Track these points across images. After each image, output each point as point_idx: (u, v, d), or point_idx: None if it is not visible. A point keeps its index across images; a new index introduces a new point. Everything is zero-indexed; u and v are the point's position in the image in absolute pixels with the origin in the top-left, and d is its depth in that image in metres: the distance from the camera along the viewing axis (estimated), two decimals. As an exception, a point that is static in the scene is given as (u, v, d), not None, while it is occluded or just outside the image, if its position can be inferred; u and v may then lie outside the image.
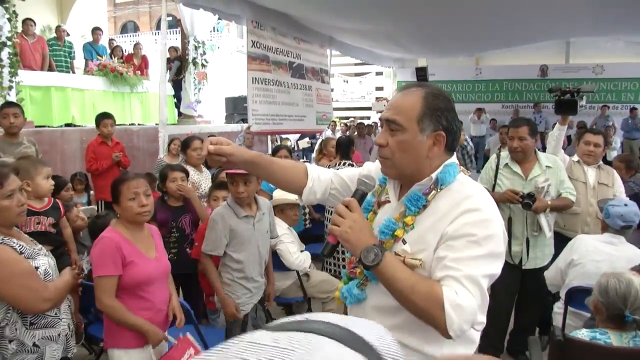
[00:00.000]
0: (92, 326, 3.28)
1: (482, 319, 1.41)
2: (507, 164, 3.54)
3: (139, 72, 9.25)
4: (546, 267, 3.43)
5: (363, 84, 20.94)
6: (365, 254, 1.37)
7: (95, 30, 9.69)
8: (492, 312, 3.88)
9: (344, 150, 4.92)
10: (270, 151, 7.56)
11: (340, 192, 1.73)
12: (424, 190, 1.46)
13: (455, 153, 1.55)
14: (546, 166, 3.44)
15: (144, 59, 9.90)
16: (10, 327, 2.06)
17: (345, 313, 1.76)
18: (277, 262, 3.63)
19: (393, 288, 1.37)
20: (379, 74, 20.11)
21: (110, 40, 11.06)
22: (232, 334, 3.09)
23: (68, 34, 9.15)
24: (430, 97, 1.45)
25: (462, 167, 1.58)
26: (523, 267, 3.50)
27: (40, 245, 2.31)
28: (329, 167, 4.77)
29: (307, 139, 12.36)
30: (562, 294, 3.13)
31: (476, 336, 1.54)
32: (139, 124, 8.77)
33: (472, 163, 3.93)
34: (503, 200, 3.54)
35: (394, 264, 1.38)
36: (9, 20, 6.25)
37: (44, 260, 2.20)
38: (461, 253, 1.35)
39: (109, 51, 9.44)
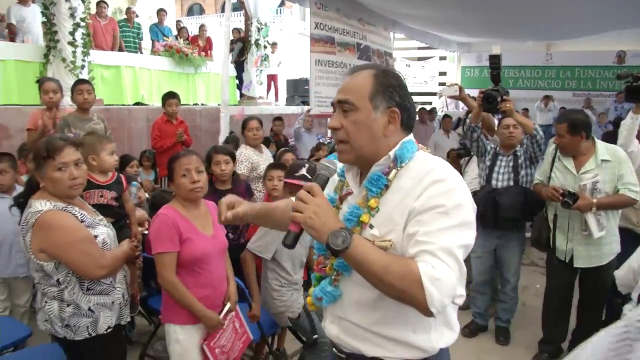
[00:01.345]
0: (152, 298, 3.40)
1: (462, 291, 1.34)
2: (561, 157, 3.43)
3: (203, 54, 9.44)
4: (607, 266, 3.30)
5: (426, 69, 20.41)
6: (333, 238, 1.28)
7: (160, 12, 9.98)
8: (549, 312, 3.78)
9: None
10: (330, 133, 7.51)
11: None
12: (383, 170, 1.43)
13: (412, 131, 1.51)
14: (602, 160, 3.26)
15: (208, 41, 10.09)
16: (69, 291, 2.16)
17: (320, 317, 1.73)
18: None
19: (366, 271, 1.30)
20: (442, 58, 19.53)
21: (177, 21, 11.33)
22: (299, 328, 3.14)
23: (137, 16, 9.44)
24: (380, 75, 1.44)
25: (421, 144, 1.50)
26: (575, 266, 3.39)
27: (101, 216, 2.39)
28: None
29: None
30: (635, 296, 2.95)
31: (455, 324, 1.52)
32: (201, 104, 8.95)
33: (541, 152, 3.74)
34: (545, 197, 3.40)
35: (364, 246, 1.31)
36: (83, 1, 6.50)
37: (103, 230, 2.29)
38: (432, 226, 1.30)
39: (175, 32, 9.68)
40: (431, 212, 1.31)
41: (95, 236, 2.21)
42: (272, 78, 11.12)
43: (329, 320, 1.57)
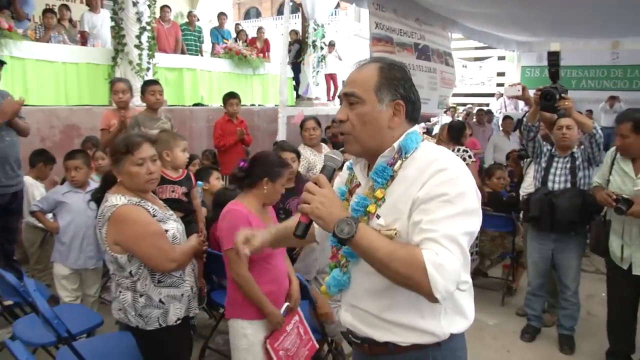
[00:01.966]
0: (214, 292, 3.49)
1: (467, 277, 1.40)
2: (619, 160, 3.27)
3: (261, 55, 9.61)
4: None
5: (483, 69, 19.93)
6: (339, 227, 1.31)
7: (221, 15, 10.24)
8: (612, 322, 3.60)
9: (455, 134, 4.71)
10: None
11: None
12: (388, 161, 1.46)
13: (417, 122, 1.53)
14: None
15: (266, 43, 10.26)
16: (141, 282, 2.24)
17: None
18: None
19: (372, 259, 1.33)
20: (501, 58, 18.98)
21: (236, 24, 11.58)
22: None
23: (198, 19, 9.71)
24: (385, 67, 1.47)
25: (426, 135, 1.48)
26: (634, 273, 3.22)
27: (171, 211, 2.47)
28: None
29: (422, 124, 12.07)
30: None
31: (469, 312, 1.56)
32: (259, 105, 9.11)
33: (599, 152, 3.59)
34: (599, 202, 3.26)
35: (370, 234, 1.34)
36: (149, 6, 6.78)
37: (173, 225, 2.36)
38: (435, 214, 1.32)
39: (234, 35, 9.90)
40: (435, 200, 1.33)
41: (166, 230, 2.29)
42: (330, 77, 11.13)
43: (344, 308, 1.62)
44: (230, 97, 5.70)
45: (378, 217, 1.43)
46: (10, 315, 3.67)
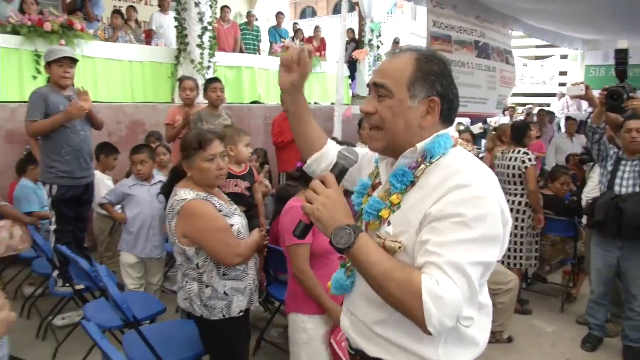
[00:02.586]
0: (271, 286, 3.56)
1: (471, 313, 1.18)
2: None
3: (317, 54, 9.68)
4: None
5: (545, 69, 19.28)
6: (336, 235, 1.20)
7: (279, 15, 10.41)
8: None
9: (518, 135, 4.58)
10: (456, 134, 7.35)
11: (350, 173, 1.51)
12: (410, 165, 1.31)
13: (452, 124, 1.37)
14: None
15: (322, 42, 10.33)
16: (207, 275, 2.32)
17: None
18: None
19: (367, 275, 1.21)
20: (563, 57, 18.29)
21: (294, 24, 11.73)
22: None
23: (257, 19, 9.90)
24: (423, 59, 1.31)
25: (461, 141, 1.36)
26: None
27: (235, 206, 2.55)
28: (501, 154, 4.53)
29: (480, 124, 11.79)
30: None
31: (480, 338, 1.37)
32: (315, 103, 9.19)
33: None
34: None
35: (368, 248, 1.20)
36: (210, 7, 6.98)
37: (238, 220, 2.43)
38: (446, 237, 1.16)
39: (291, 34, 10.03)
40: (448, 220, 1.18)
41: (232, 225, 2.35)
42: None
43: (344, 312, 1.53)
44: (290, 95, 5.77)
45: (389, 224, 1.30)
46: (79, 299, 3.91)
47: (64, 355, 3.37)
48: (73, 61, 3.87)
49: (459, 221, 1.17)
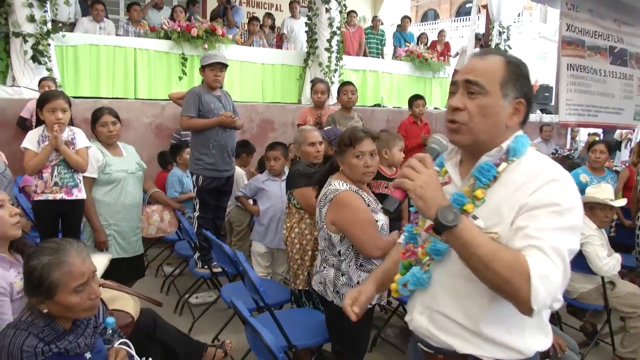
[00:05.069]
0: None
1: (560, 297, 1.28)
2: None
3: (441, 58, 9.58)
4: None
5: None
6: (444, 213, 1.20)
7: (404, 19, 10.42)
8: None
9: None
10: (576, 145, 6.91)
11: None
12: (494, 162, 1.36)
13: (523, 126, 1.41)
14: None
15: (446, 45, 10.20)
16: (346, 263, 2.46)
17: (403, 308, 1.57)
18: (581, 263, 3.39)
19: (471, 254, 1.22)
20: None
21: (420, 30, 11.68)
22: None
23: (382, 23, 10.02)
24: (513, 62, 1.37)
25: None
26: None
27: (381, 205, 2.67)
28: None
29: (616, 134, 10.88)
30: None
31: (550, 329, 1.44)
32: (435, 108, 9.12)
33: None
34: None
35: (473, 227, 1.24)
36: (340, 12, 7.23)
37: (382, 217, 2.54)
38: (544, 223, 1.23)
39: (415, 38, 10.03)
40: (546, 209, 1.25)
41: (376, 221, 2.48)
42: None
43: (418, 310, 1.51)
44: (417, 99, 5.83)
45: (475, 217, 1.34)
46: (212, 282, 4.28)
47: (198, 331, 3.69)
48: (223, 66, 4.26)
49: (556, 210, 1.25)
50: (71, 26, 6.70)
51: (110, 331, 2.04)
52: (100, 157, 3.44)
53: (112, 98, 6.06)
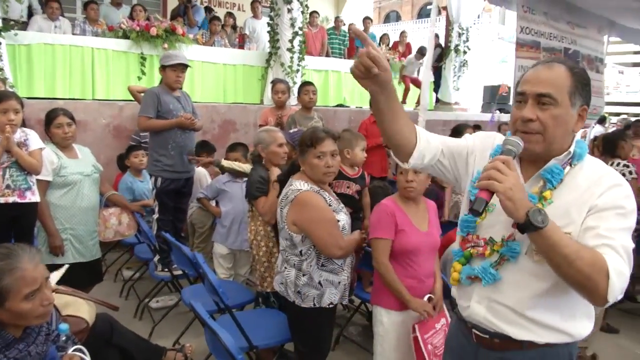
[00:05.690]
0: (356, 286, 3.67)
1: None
2: None
3: (403, 59, 9.70)
4: None
5: (643, 76, 18.07)
6: (535, 214, 1.28)
7: (366, 20, 10.53)
8: None
9: (608, 147, 4.40)
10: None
11: (445, 166, 1.67)
12: (561, 165, 1.47)
13: None
14: None
15: (407, 46, 10.35)
16: (307, 262, 2.48)
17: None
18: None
19: (557, 253, 1.31)
20: (666, 64, 17.13)
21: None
22: None
23: (344, 24, 10.08)
24: (576, 71, 1.46)
25: None
26: None
27: (342, 205, 2.68)
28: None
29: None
30: None
31: (593, 314, 1.56)
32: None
33: None
34: None
35: (558, 228, 1.32)
36: (302, 13, 7.23)
37: (343, 217, 2.56)
38: (612, 224, 1.36)
39: (377, 39, 10.12)
40: (613, 211, 1.38)
41: (338, 220, 2.50)
42: (411, 80, 9.74)
43: (475, 300, 1.59)
44: (377, 99, 5.83)
45: None
46: (173, 285, 4.22)
47: (159, 335, 3.64)
48: (185, 66, 4.21)
49: (621, 212, 1.39)
50: (24, 24, 6.48)
51: (64, 338, 1.99)
52: (55, 160, 3.36)
53: (69, 99, 5.90)
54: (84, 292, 2.72)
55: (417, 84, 9.21)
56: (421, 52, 8.87)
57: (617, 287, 1.30)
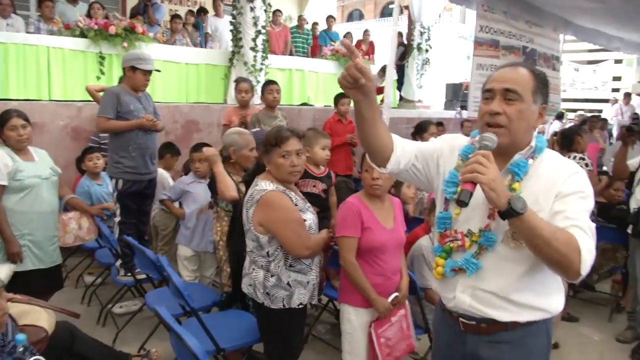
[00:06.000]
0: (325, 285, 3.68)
1: None
2: None
3: (366, 57, 9.76)
4: None
5: (597, 73, 18.69)
6: (516, 202, 1.39)
7: (329, 18, 10.55)
8: None
9: (565, 142, 4.56)
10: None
11: (419, 169, 1.77)
12: (524, 158, 1.61)
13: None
14: None
15: (371, 45, 10.40)
16: (275, 263, 2.45)
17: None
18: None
19: (536, 235, 1.42)
20: (617, 61, 17.73)
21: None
22: None
23: (307, 23, 10.08)
24: (538, 73, 1.64)
25: None
26: None
27: (309, 204, 2.67)
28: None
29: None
30: None
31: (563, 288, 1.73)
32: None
33: None
34: None
35: (535, 213, 1.44)
36: (265, 11, 7.19)
37: (310, 216, 2.55)
38: (576, 207, 1.52)
39: (340, 38, 10.16)
40: (575, 195, 1.54)
41: (304, 220, 2.48)
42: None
43: (460, 290, 1.70)
44: (342, 97, 5.80)
45: None
46: (136, 289, 4.14)
47: (123, 342, 3.56)
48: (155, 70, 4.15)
49: (582, 195, 1.55)
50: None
51: (22, 349, 1.92)
52: (9, 163, 3.23)
53: (23, 100, 5.69)
54: (43, 300, 2.63)
55: (379, 91, 9.24)
56: (383, 70, 8.94)
57: (588, 262, 1.44)
